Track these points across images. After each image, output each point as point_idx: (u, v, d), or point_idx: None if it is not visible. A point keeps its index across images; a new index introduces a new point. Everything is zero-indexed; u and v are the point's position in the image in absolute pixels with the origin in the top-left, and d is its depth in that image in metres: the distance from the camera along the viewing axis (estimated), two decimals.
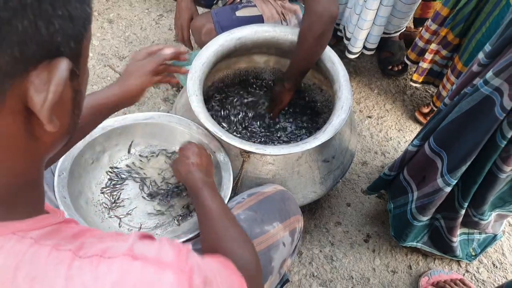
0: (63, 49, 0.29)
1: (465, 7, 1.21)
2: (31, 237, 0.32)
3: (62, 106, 0.32)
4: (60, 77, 0.29)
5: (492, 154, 0.86)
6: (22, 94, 0.28)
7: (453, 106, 0.91)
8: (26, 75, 0.28)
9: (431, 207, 1.03)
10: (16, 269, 0.30)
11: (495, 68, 0.79)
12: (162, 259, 0.35)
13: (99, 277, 0.32)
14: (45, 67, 0.29)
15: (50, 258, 0.31)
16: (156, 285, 0.33)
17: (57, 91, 0.29)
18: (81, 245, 0.34)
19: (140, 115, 1.01)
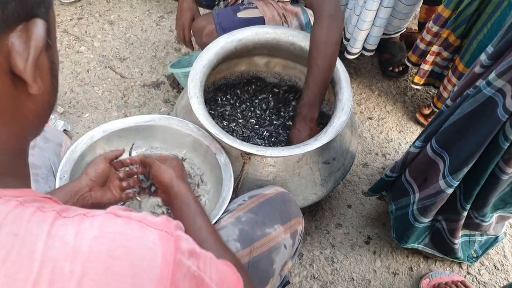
0: (36, 11, 0.33)
1: (467, 8, 1.21)
2: (17, 200, 0.32)
3: (41, 72, 0.35)
4: (39, 34, 0.32)
5: (495, 156, 0.86)
6: (5, 54, 0.31)
7: (455, 107, 0.91)
8: (7, 35, 0.31)
9: (432, 209, 1.02)
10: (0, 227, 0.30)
11: (497, 69, 0.79)
12: (147, 219, 0.35)
13: (80, 232, 0.32)
14: (23, 28, 0.32)
15: (34, 217, 0.32)
16: (138, 241, 0.33)
17: (37, 47, 0.32)
18: (66, 208, 0.34)
19: (141, 118, 1.01)
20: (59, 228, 0.31)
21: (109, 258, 0.31)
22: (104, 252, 0.31)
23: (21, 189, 0.35)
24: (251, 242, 0.81)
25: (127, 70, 1.66)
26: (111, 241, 0.32)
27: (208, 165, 1.02)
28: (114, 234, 0.32)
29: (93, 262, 0.30)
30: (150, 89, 1.60)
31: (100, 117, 1.50)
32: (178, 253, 0.34)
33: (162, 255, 0.33)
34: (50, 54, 0.36)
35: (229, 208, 0.89)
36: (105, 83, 1.60)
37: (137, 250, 0.32)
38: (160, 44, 1.76)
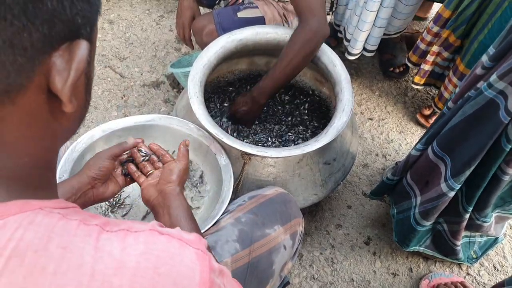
0: (82, 32, 0.32)
1: (467, 9, 1.21)
2: (58, 212, 0.33)
3: (77, 89, 0.34)
4: (82, 56, 0.32)
5: (497, 158, 0.85)
6: (46, 73, 0.31)
7: (456, 109, 0.91)
8: (51, 54, 0.30)
9: (434, 212, 1.02)
10: (48, 240, 0.31)
11: (499, 71, 0.79)
12: (184, 237, 0.37)
13: (126, 248, 0.33)
14: (66, 48, 0.31)
15: (79, 230, 0.33)
16: (179, 258, 0.35)
17: (79, 69, 0.32)
18: (106, 222, 0.35)
19: (140, 117, 1.00)
20: (105, 243, 0.33)
21: (155, 275, 0.32)
22: (150, 268, 0.33)
23: (56, 200, 0.36)
24: (250, 242, 0.81)
25: (127, 69, 1.65)
26: (156, 258, 0.33)
27: (208, 166, 1.01)
28: (159, 251, 0.34)
29: (140, 277, 0.32)
30: (150, 89, 1.60)
31: (100, 117, 1.50)
32: (212, 272, 0.36)
33: (200, 274, 0.35)
34: (88, 70, 0.36)
35: (229, 208, 0.88)
36: (105, 82, 1.60)
37: (179, 267, 0.34)
38: (160, 43, 1.75)
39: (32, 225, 0.31)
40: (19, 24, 0.27)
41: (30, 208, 0.32)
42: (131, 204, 0.97)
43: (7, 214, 0.31)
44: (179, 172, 0.74)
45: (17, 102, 0.30)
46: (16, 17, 0.27)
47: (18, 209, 0.32)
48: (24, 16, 0.27)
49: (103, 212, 0.94)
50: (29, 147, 0.34)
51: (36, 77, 0.30)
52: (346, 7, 1.53)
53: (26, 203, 0.32)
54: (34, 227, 0.31)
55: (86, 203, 0.72)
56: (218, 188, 0.95)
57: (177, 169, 0.74)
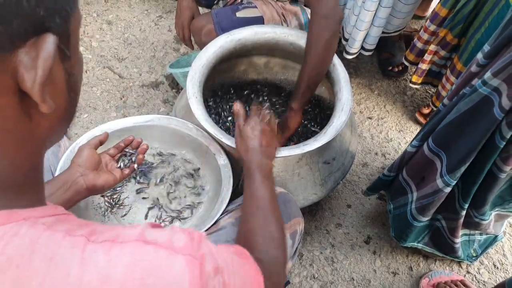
0: (48, 25, 0.29)
1: (464, 7, 1.21)
2: (43, 223, 0.33)
3: (55, 87, 0.32)
4: (47, 52, 0.29)
5: (492, 154, 0.86)
6: (13, 73, 0.29)
7: (451, 106, 0.91)
8: (15, 52, 0.28)
9: (431, 208, 1.02)
10: (33, 252, 0.30)
11: (493, 68, 0.79)
12: (173, 244, 0.36)
13: (112, 260, 0.32)
14: (32, 44, 0.29)
15: (64, 242, 0.32)
16: (167, 269, 0.34)
17: (46, 66, 0.29)
18: (92, 231, 0.34)
19: (140, 118, 1.00)
20: (91, 254, 0.32)
21: (143, 286, 0.32)
22: (137, 280, 0.32)
23: (41, 208, 0.35)
24: None
25: (126, 70, 1.65)
26: (143, 270, 0.33)
27: (207, 166, 1.01)
28: (145, 262, 0.33)
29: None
30: (149, 89, 1.60)
31: (99, 118, 1.50)
32: (204, 276, 0.35)
33: (189, 281, 0.34)
34: (69, 65, 0.33)
35: (229, 208, 0.88)
36: (104, 83, 1.60)
37: (167, 278, 0.33)
38: (159, 44, 1.75)
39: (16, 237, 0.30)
40: None
41: (14, 219, 0.31)
42: (130, 204, 0.96)
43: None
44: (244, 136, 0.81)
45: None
46: None
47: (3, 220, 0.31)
48: None
49: (103, 213, 0.94)
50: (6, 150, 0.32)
51: (0, 78, 0.28)
52: (344, 7, 1.53)
53: (11, 214, 0.32)
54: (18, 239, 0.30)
55: (80, 191, 0.72)
56: (217, 188, 0.95)
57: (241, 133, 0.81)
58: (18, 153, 0.33)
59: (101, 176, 0.75)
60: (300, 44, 1.11)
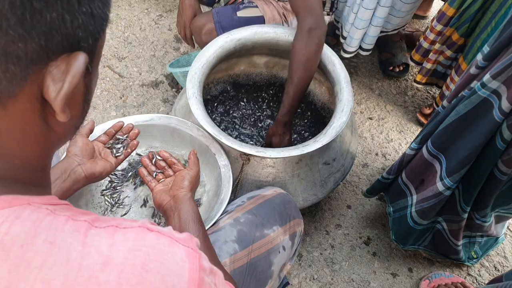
0: (82, 44, 0.32)
1: (471, 7, 1.20)
2: (47, 208, 0.33)
3: (74, 99, 0.34)
4: (77, 69, 0.31)
5: (493, 157, 0.85)
6: (40, 82, 0.30)
7: (450, 109, 0.91)
8: (47, 64, 0.30)
9: (431, 211, 1.02)
10: (35, 235, 0.30)
11: (492, 70, 0.78)
12: (174, 235, 0.37)
13: (115, 244, 0.33)
14: (64, 59, 0.31)
15: (67, 226, 0.32)
16: (168, 256, 0.34)
17: (73, 82, 0.31)
18: (95, 218, 0.35)
19: (140, 117, 1.00)
20: (94, 238, 0.33)
21: (143, 271, 0.32)
22: (138, 265, 0.32)
23: (47, 196, 0.36)
24: (249, 243, 0.80)
25: (126, 69, 1.65)
26: (145, 255, 0.33)
27: (207, 166, 1.01)
28: (147, 247, 0.34)
29: (128, 273, 0.31)
30: (149, 89, 1.59)
31: (99, 117, 1.49)
32: (201, 270, 0.36)
33: (189, 271, 0.34)
34: (88, 80, 0.36)
35: (228, 209, 0.88)
36: (104, 82, 1.59)
37: (168, 265, 0.34)
38: (159, 43, 1.75)
39: (19, 219, 0.31)
40: (14, 34, 0.27)
41: (18, 203, 0.32)
42: (130, 204, 0.96)
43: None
44: (190, 178, 0.80)
45: (8, 108, 0.30)
46: (12, 27, 0.27)
47: (6, 204, 0.31)
48: (20, 27, 0.27)
49: (103, 212, 0.94)
50: (21, 151, 0.34)
51: (28, 85, 0.30)
52: (345, 4, 1.52)
53: (15, 198, 0.32)
54: (21, 221, 0.31)
55: (79, 180, 0.74)
56: (217, 188, 0.95)
57: (189, 176, 0.80)
58: (31, 154, 0.35)
59: (98, 163, 0.78)
60: None
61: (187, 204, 0.74)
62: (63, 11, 0.29)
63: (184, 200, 0.75)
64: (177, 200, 0.75)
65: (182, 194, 0.76)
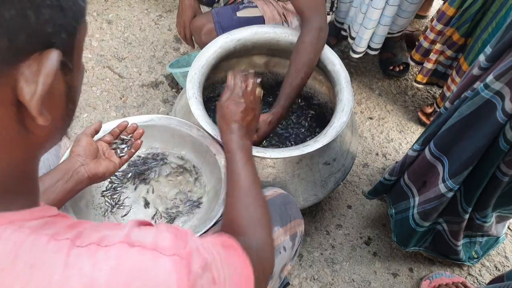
0: (54, 41, 0.29)
1: (472, 7, 1.19)
2: (29, 227, 0.32)
3: (54, 99, 0.32)
4: (50, 68, 0.29)
5: (495, 158, 0.85)
6: (13, 84, 0.28)
7: (453, 110, 0.90)
8: (17, 65, 0.28)
9: (433, 213, 1.01)
10: (15, 257, 0.30)
11: (495, 71, 0.78)
12: (159, 245, 0.35)
13: (97, 264, 0.32)
14: (36, 58, 0.28)
15: (49, 247, 0.31)
16: (153, 272, 0.33)
17: (46, 82, 0.29)
18: (78, 234, 0.34)
19: (140, 118, 1.00)
20: (76, 258, 0.32)
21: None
22: (122, 284, 0.32)
23: (30, 210, 0.34)
24: None
25: (126, 70, 1.64)
26: (127, 274, 0.32)
27: (208, 166, 1.01)
28: (129, 266, 0.33)
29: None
30: (149, 89, 1.59)
31: (99, 118, 1.49)
32: (191, 275, 0.35)
33: (177, 282, 0.33)
34: (69, 78, 0.33)
35: None
36: (104, 83, 1.59)
37: (153, 281, 0.33)
38: (159, 43, 1.75)
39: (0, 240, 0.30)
40: None
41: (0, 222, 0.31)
42: (130, 204, 0.96)
43: None
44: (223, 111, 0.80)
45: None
46: None
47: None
48: None
49: (103, 213, 0.94)
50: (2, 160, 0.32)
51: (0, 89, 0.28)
52: (350, 5, 1.52)
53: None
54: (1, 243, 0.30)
55: (82, 181, 0.72)
56: (217, 188, 0.95)
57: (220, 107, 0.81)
58: (11, 161, 0.33)
59: (102, 164, 0.75)
60: None
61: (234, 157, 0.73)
62: (24, 7, 0.26)
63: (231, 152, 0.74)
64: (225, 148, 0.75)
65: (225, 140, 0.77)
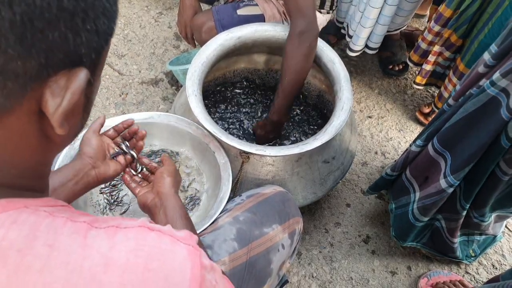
0: (84, 60, 0.31)
1: (469, 8, 1.20)
2: (45, 210, 0.33)
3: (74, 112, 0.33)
4: (78, 86, 0.30)
5: (496, 155, 0.86)
6: (39, 96, 0.30)
7: (458, 107, 0.91)
8: (47, 80, 0.29)
9: (433, 208, 1.02)
10: (34, 238, 0.30)
11: (502, 69, 0.79)
12: (175, 234, 0.36)
13: (116, 245, 0.32)
14: (64, 74, 0.30)
15: (66, 228, 0.32)
16: (170, 255, 0.34)
17: (73, 99, 0.31)
18: (94, 219, 0.35)
19: (139, 115, 1.00)
20: (94, 239, 0.32)
21: (146, 271, 0.32)
22: (141, 265, 0.32)
23: (44, 198, 0.35)
24: (248, 241, 0.81)
25: (125, 67, 1.64)
26: (147, 254, 0.33)
27: (207, 164, 1.01)
28: (149, 247, 0.33)
29: (131, 273, 0.31)
30: (149, 87, 1.59)
31: (98, 115, 1.49)
32: (203, 268, 0.36)
33: (191, 270, 0.34)
34: (89, 91, 0.34)
35: (227, 207, 0.88)
36: (103, 80, 1.59)
37: (170, 264, 0.33)
38: (159, 41, 1.74)
39: (15, 224, 0.30)
40: (13, 52, 0.26)
41: (13, 207, 0.32)
42: (129, 202, 0.96)
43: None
44: (169, 173, 0.75)
45: (4, 122, 0.30)
46: (11, 46, 0.26)
47: (1, 209, 0.31)
48: (19, 46, 0.26)
49: (101, 210, 0.94)
50: (18, 162, 0.33)
51: (26, 101, 0.29)
52: (350, 4, 1.52)
53: (10, 202, 0.32)
54: (18, 226, 0.30)
55: (91, 183, 0.72)
56: (216, 186, 0.95)
57: (167, 171, 0.75)
58: (28, 164, 0.34)
59: (110, 165, 0.75)
60: None
61: (173, 200, 0.70)
62: (66, 30, 0.28)
63: (169, 196, 0.71)
64: (162, 196, 0.72)
65: (166, 190, 0.72)
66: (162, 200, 0.71)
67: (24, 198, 0.33)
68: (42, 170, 0.37)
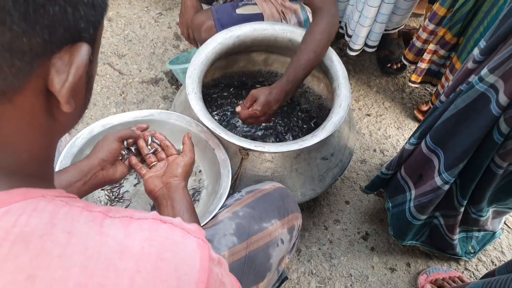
0: (84, 35, 0.32)
1: (463, 7, 1.21)
2: (61, 200, 0.34)
3: (78, 89, 0.34)
4: (81, 60, 0.32)
5: (490, 151, 0.86)
6: (45, 74, 0.31)
7: (448, 103, 0.91)
8: (51, 57, 0.31)
9: (429, 206, 1.03)
10: (53, 225, 0.31)
11: (490, 65, 0.79)
12: (185, 227, 0.38)
13: (131, 234, 0.34)
14: (67, 51, 0.31)
15: (82, 216, 0.34)
16: (182, 246, 0.36)
17: (78, 73, 0.32)
18: (108, 209, 0.36)
19: (139, 113, 1.01)
20: (110, 228, 0.34)
21: (159, 260, 0.34)
22: (154, 254, 0.34)
23: (56, 190, 0.36)
24: (248, 236, 0.81)
25: (126, 66, 1.66)
26: (160, 244, 0.35)
27: (206, 160, 1.02)
28: (162, 238, 0.35)
29: (145, 261, 0.33)
30: (149, 86, 1.60)
31: (99, 114, 1.50)
32: (211, 261, 0.37)
33: (200, 261, 0.36)
34: (90, 68, 0.36)
35: (227, 203, 0.89)
36: (104, 79, 1.60)
37: (181, 254, 0.35)
38: (159, 40, 1.76)
39: (36, 211, 0.32)
40: (18, 29, 0.27)
41: (32, 195, 0.33)
42: (130, 198, 0.97)
43: (10, 201, 0.31)
44: (185, 166, 0.76)
45: (15, 101, 0.31)
46: (16, 23, 0.27)
47: (21, 197, 0.32)
48: (24, 22, 0.27)
49: None
50: (28, 144, 0.35)
51: (34, 79, 0.31)
52: (347, 3, 1.53)
53: (28, 191, 0.33)
54: (38, 213, 0.32)
55: (97, 185, 0.73)
56: (216, 182, 0.96)
57: (183, 164, 0.77)
58: (36, 146, 0.36)
59: (118, 169, 0.76)
60: (299, 41, 1.12)
61: (181, 193, 0.71)
62: (65, 4, 0.29)
63: (178, 189, 0.72)
64: (170, 188, 0.72)
65: (176, 183, 0.73)
66: (171, 192, 0.72)
67: (41, 189, 0.34)
68: (48, 153, 0.38)
